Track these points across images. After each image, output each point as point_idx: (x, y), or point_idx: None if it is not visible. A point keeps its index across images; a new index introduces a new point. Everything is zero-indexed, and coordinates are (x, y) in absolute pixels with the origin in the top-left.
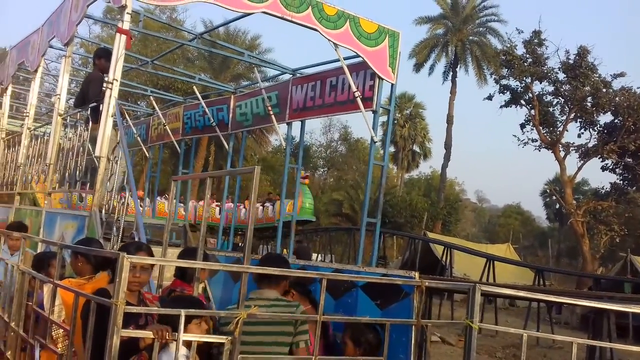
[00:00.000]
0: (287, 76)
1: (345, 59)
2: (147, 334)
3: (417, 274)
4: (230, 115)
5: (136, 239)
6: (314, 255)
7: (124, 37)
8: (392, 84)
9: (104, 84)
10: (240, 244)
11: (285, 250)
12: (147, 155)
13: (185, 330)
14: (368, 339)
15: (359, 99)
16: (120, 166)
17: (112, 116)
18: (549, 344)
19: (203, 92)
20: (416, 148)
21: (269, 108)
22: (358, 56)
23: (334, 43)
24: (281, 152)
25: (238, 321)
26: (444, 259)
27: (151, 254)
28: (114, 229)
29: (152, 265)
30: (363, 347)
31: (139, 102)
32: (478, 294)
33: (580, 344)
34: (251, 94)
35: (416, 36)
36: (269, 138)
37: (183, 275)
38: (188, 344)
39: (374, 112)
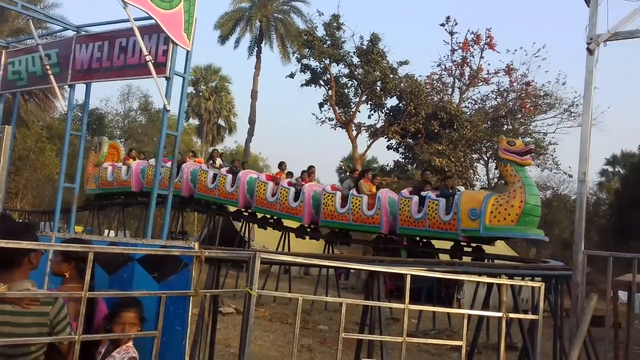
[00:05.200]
0: (70, 33)
1: (136, 19)
2: None
3: (196, 244)
4: (1, 72)
5: None
6: (106, 232)
7: None
8: (188, 51)
9: None
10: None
11: None
12: None
13: None
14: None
15: (150, 64)
16: None
17: None
18: (336, 307)
19: None
20: (221, 122)
21: (47, 67)
22: (151, 18)
23: (122, 0)
24: (72, 119)
25: None
26: (243, 232)
27: None
28: None
29: None
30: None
31: None
32: (258, 262)
33: (358, 304)
34: (26, 50)
35: (222, 7)
36: (54, 103)
37: None
38: None
39: (167, 78)
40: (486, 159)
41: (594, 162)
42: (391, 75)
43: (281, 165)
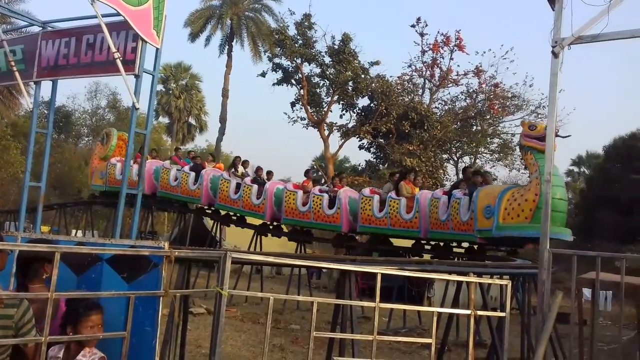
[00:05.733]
0: (36, 29)
1: (104, 16)
2: None
3: (166, 244)
4: None
5: None
6: (74, 232)
7: None
8: (157, 48)
9: None
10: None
11: None
12: None
13: None
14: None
15: (119, 61)
16: None
17: None
18: (308, 307)
19: None
20: (192, 120)
21: (12, 64)
22: (120, 14)
23: None
24: (38, 116)
25: None
26: (214, 231)
27: None
28: None
29: None
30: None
31: None
32: (229, 262)
33: (330, 303)
34: None
35: (193, 4)
36: (19, 100)
37: None
38: None
39: (136, 76)
40: (456, 159)
41: (559, 163)
42: (362, 76)
43: (307, 172)
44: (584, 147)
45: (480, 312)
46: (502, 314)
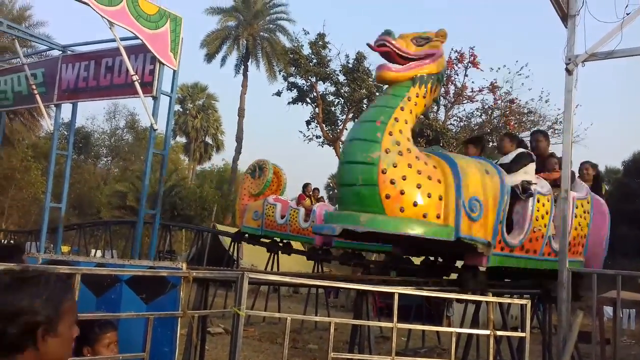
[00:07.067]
0: (56, 53)
1: (123, 39)
2: None
3: (184, 264)
4: None
5: None
6: (93, 252)
7: None
8: (175, 70)
9: None
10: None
11: None
12: None
13: None
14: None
15: (137, 83)
16: None
17: None
18: (326, 326)
19: None
20: (209, 140)
21: (34, 87)
22: (138, 38)
23: (108, 20)
24: (59, 138)
25: None
26: (231, 250)
27: None
28: None
29: None
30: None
31: None
32: (246, 282)
33: (348, 323)
34: (12, 70)
35: (208, 25)
36: (40, 122)
37: None
38: None
39: (154, 98)
40: None
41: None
42: (377, 93)
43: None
44: (603, 162)
45: (500, 332)
46: (522, 334)
